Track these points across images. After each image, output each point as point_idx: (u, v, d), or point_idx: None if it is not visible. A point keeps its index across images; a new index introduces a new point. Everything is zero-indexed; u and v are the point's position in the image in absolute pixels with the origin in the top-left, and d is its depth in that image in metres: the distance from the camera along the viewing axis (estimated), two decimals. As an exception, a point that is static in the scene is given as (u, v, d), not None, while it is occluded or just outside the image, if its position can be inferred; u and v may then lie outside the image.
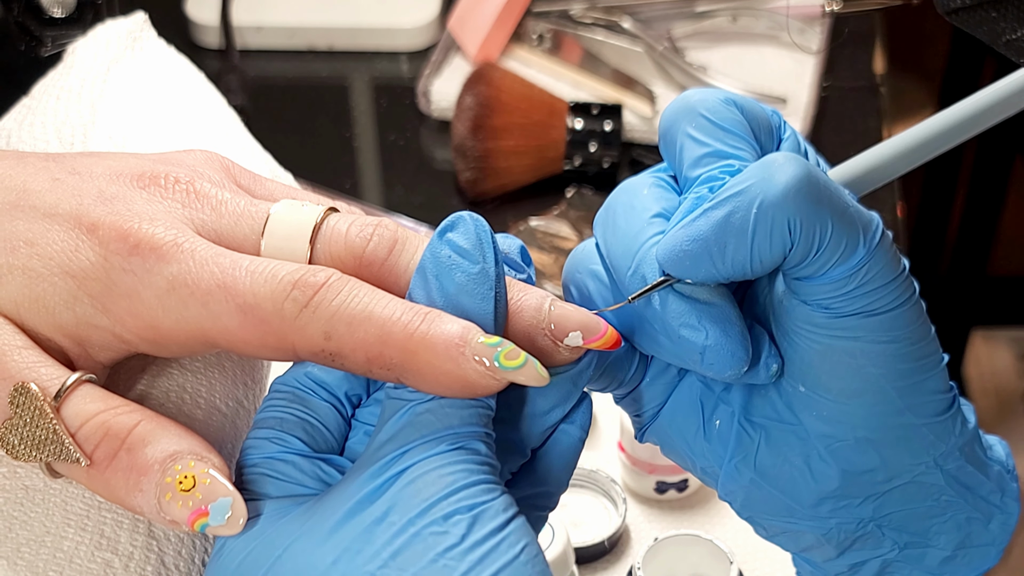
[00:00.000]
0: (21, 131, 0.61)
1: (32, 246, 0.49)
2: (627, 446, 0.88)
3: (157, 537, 0.51)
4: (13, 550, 0.49)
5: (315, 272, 0.48)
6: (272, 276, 0.48)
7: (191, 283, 0.48)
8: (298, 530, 0.47)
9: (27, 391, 0.47)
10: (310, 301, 0.47)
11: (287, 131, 1.20)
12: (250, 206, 0.51)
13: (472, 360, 0.47)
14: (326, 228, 0.50)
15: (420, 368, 0.47)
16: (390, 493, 0.47)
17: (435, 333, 0.47)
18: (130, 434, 0.48)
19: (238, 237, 0.50)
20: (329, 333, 0.47)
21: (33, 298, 0.49)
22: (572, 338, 0.49)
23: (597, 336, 0.50)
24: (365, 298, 0.48)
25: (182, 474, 0.47)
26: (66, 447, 0.47)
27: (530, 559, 0.47)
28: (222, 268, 0.48)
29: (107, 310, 0.49)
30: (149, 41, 0.67)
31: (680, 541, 0.82)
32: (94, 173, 0.51)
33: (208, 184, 0.51)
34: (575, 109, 1.12)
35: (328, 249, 0.50)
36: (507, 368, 0.47)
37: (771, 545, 0.55)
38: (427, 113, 1.20)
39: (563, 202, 1.10)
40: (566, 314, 0.50)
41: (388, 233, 0.50)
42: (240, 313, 0.48)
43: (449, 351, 0.47)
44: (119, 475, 0.47)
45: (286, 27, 1.27)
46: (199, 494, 0.47)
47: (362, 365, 0.48)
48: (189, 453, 0.47)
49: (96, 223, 0.49)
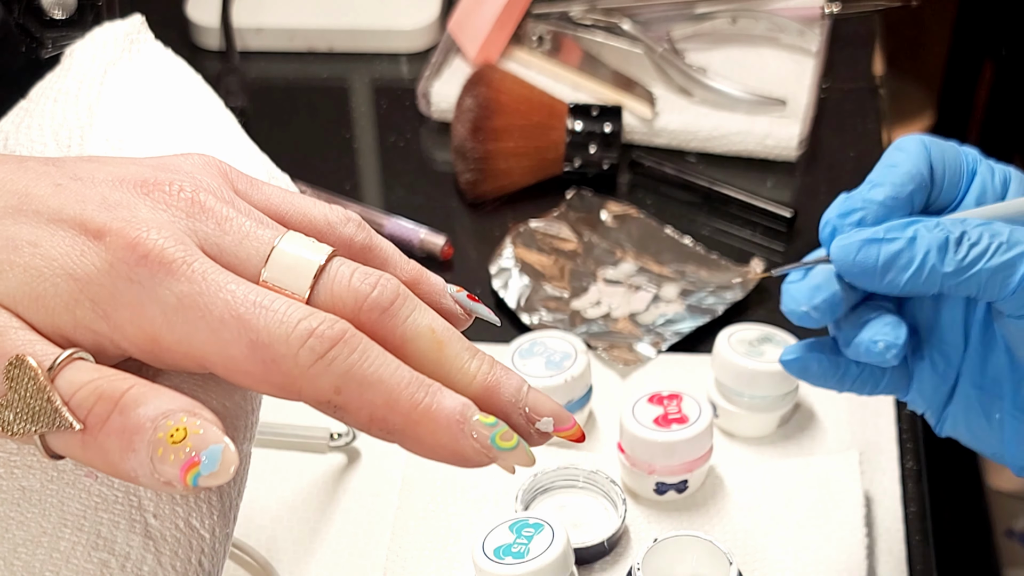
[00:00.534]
0: (19, 133, 0.61)
1: (36, 247, 0.49)
2: (626, 447, 0.88)
3: (154, 537, 0.51)
4: (10, 550, 0.49)
5: (332, 324, 0.49)
6: (288, 319, 0.48)
7: (202, 306, 0.49)
8: None
9: (22, 363, 0.48)
10: (326, 354, 0.48)
11: (287, 133, 1.20)
12: (256, 228, 0.51)
13: (470, 437, 0.49)
14: (331, 269, 0.51)
15: (420, 436, 0.49)
16: None
17: (438, 407, 0.49)
18: (123, 396, 0.48)
19: (240, 257, 0.50)
20: (340, 388, 0.49)
21: (33, 296, 0.49)
22: (544, 423, 0.52)
23: (565, 427, 0.52)
24: (377, 360, 0.49)
25: (174, 427, 0.47)
26: (60, 414, 0.47)
27: None
28: (235, 297, 0.49)
29: (107, 316, 0.49)
30: (146, 43, 0.67)
31: (680, 542, 0.82)
32: (96, 179, 0.51)
33: (212, 197, 0.51)
34: (575, 111, 1.12)
35: (330, 289, 0.50)
36: (501, 448, 0.50)
37: (771, 545, 0.56)
38: (427, 115, 1.20)
39: (563, 204, 1.10)
40: (540, 401, 0.52)
41: (391, 286, 0.51)
42: (250, 348, 0.48)
43: (450, 426, 0.49)
44: (112, 438, 0.47)
45: (286, 29, 1.27)
46: (190, 445, 0.47)
47: (363, 423, 0.49)
48: (181, 410, 0.48)
49: (102, 229, 0.49)
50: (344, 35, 1.28)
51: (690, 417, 0.87)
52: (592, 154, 1.12)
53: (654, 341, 0.99)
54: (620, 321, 1.01)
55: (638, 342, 1.00)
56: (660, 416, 0.87)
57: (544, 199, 1.11)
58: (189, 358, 0.49)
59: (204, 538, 0.52)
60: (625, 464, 0.88)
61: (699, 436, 0.86)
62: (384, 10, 1.29)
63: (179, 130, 0.64)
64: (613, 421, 0.93)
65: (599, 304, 1.02)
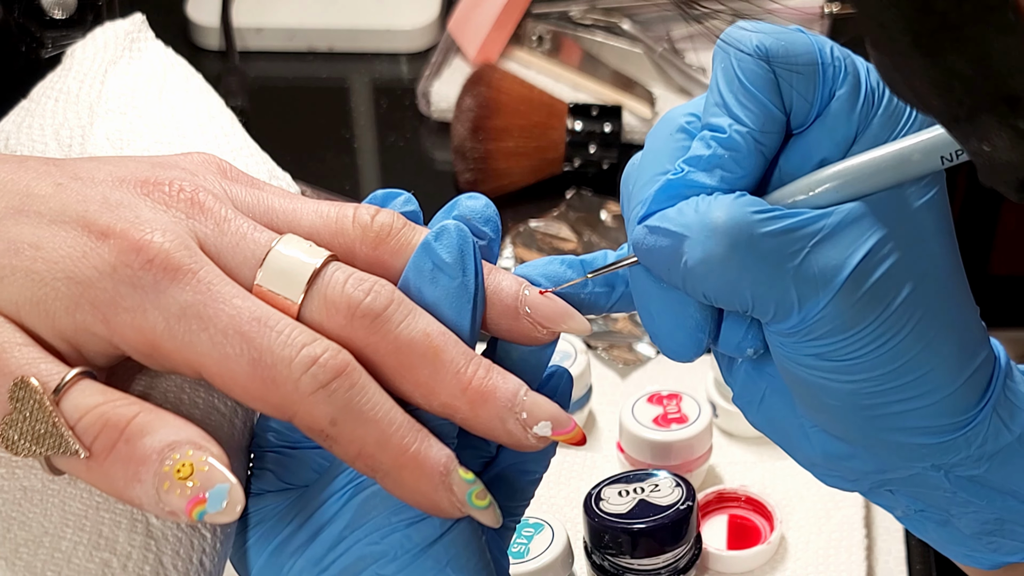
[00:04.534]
0: (20, 133, 0.61)
1: (37, 249, 0.49)
2: (626, 447, 0.88)
3: (155, 537, 0.51)
4: (11, 550, 0.49)
5: (335, 354, 0.49)
6: (292, 341, 0.48)
7: (205, 317, 0.48)
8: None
9: (27, 385, 0.48)
10: (328, 384, 0.48)
11: (287, 132, 1.20)
12: (253, 231, 0.51)
13: (448, 490, 0.50)
14: (325, 274, 0.50)
15: (403, 480, 0.49)
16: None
17: (425, 455, 0.49)
18: (129, 425, 0.48)
19: (236, 259, 0.50)
20: (336, 420, 0.49)
21: (34, 301, 0.49)
22: (541, 427, 0.51)
23: (564, 431, 0.51)
24: (374, 398, 0.49)
25: (180, 462, 0.47)
26: (65, 440, 0.47)
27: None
28: (240, 312, 0.49)
29: (107, 320, 0.49)
30: (147, 42, 0.67)
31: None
32: (96, 179, 0.51)
33: (211, 197, 0.51)
34: (575, 111, 1.12)
35: (323, 294, 0.50)
36: (474, 506, 0.50)
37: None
38: (427, 114, 1.20)
39: (563, 203, 1.10)
40: (538, 405, 0.51)
41: (385, 292, 0.50)
42: (251, 366, 0.48)
43: (433, 476, 0.49)
44: (118, 466, 0.48)
45: (286, 29, 1.27)
46: (197, 481, 0.47)
47: (351, 456, 0.50)
48: (187, 442, 0.48)
49: (106, 230, 0.49)
50: (344, 35, 1.28)
51: (690, 417, 0.87)
52: (592, 154, 1.12)
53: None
54: (620, 321, 1.01)
55: (638, 342, 1.00)
56: (660, 416, 0.87)
57: (544, 199, 1.11)
58: (187, 365, 0.49)
59: (205, 538, 0.52)
60: (625, 464, 0.88)
61: (699, 436, 0.87)
62: (384, 10, 1.29)
63: (180, 129, 0.63)
64: (613, 421, 0.93)
65: (599, 304, 1.02)
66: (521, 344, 0.54)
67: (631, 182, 0.53)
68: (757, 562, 0.84)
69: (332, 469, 0.52)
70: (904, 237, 0.50)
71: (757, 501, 0.85)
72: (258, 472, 0.53)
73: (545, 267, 0.54)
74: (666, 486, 0.77)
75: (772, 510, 0.85)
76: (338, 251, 0.52)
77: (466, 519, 0.51)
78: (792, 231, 0.49)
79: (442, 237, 0.52)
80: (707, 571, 0.84)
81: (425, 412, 0.51)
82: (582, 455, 0.91)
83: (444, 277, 0.51)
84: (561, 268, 0.54)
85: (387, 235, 0.53)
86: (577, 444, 0.52)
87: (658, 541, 0.77)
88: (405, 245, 0.53)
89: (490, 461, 0.56)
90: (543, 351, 0.55)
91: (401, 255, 0.52)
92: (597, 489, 0.78)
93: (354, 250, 0.52)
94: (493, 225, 0.54)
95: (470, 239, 0.52)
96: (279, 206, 0.53)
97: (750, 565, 0.84)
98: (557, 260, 0.55)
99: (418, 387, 0.50)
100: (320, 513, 0.51)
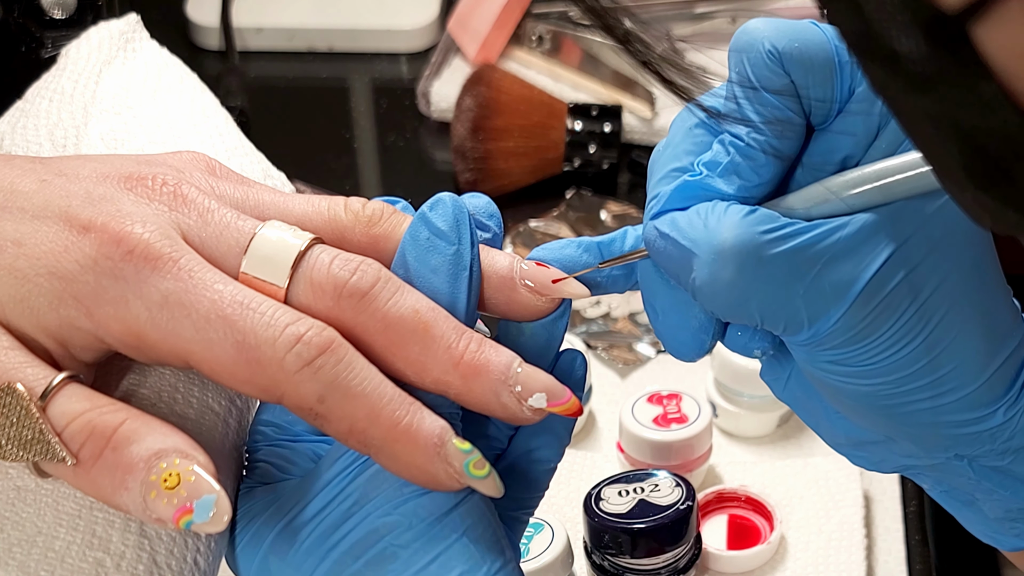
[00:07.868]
0: (14, 134, 0.61)
1: (20, 246, 0.49)
2: (626, 446, 0.88)
3: (149, 536, 0.51)
4: (4, 550, 0.49)
5: (320, 331, 0.48)
6: (275, 322, 0.48)
7: (187, 304, 0.48)
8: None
9: (13, 391, 0.48)
10: (313, 361, 0.48)
11: (287, 132, 1.20)
12: (237, 220, 0.51)
13: (444, 461, 0.49)
14: (310, 256, 0.50)
15: (397, 454, 0.49)
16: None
17: (418, 427, 0.49)
18: (115, 432, 0.48)
19: (221, 248, 0.50)
20: (324, 397, 0.48)
21: (18, 299, 0.49)
22: (536, 399, 0.50)
23: (560, 402, 0.51)
24: (362, 373, 0.49)
25: (167, 472, 0.47)
26: (52, 446, 0.47)
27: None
28: (221, 297, 0.48)
29: (90, 314, 0.49)
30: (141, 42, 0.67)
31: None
32: (80, 175, 0.51)
33: (195, 190, 0.51)
34: (574, 111, 1.12)
35: (309, 276, 0.50)
36: (473, 476, 0.49)
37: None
38: (427, 114, 1.20)
39: (562, 203, 1.10)
40: (532, 377, 0.50)
41: (371, 270, 0.50)
42: (235, 349, 0.48)
43: (427, 448, 0.49)
44: (105, 474, 0.47)
45: (286, 28, 1.27)
46: (184, 491, 0.47)
47: (342, 434, 0.49)
48: (174, 451, 0.47)
49: (88, 224, 0.49)
50: (344, 35, 1.27)
51: (689, 417, 0.87)
52: (592, 154, 1.12)
53: (654, 341, 0.99)
54: (620, 321, 1.01)
55: (638, 342, 1.00)
56: (659, 416, 0.87)
57: (544, 199, 1.11)
58: (174, 355, 0.49)
59: (200, 537, 0.52)
60: (625, 464, 0.88)
61: (699, 436, 0.86)
62: (384, 10, 1.29)
63: (174, 129, 0.63)
64: (613, 421, 0.93)
65: (599, 304, 1.02)
66: (523, 319, 0.53)
67: (652, 171, 0.53)
68: (757, 562, 0.84)
69: (332, 453, 0.52)
70: (921, 244, 0.49)
71: (757, 501, 0.85)
72: (259, 467, 0.53)
73: (561, 250, 0.54)
74: (666, 486, 0.77)
75: (772, 510, 0.85)
76: (330, 237, 0.52)
77: (479, 493, 0.51)
78: (803, 249, 0.49)
79: (437, 207, 0.52)
80: (707, 571, 0.84)
81: (420, 391, 0.50)
82: (582, 455, 0.91)
83: (441, 244, 0.51)
84: (578, 251, 0.54)
85: (379, 218, 0.53)
86: (574, 415, 0.51)
87: (658, 541, 0.77)
88: (397, 225, 0.53)
89: (502, 452, 0.55)
90: (552, 327, 0.54)
91: (394, 235, 0.52)
92: (597, 489, 0.78)
93: (346, 235, 0.52)
94: (496, 220, 0.54)
95: (465, 210, 0.52)
96: (269, 200, 0.53)
97: (750, 565, 0.84)
98: (574, 243, 0.54)
99: (410, 364, 0.50)
100: (323, 495, 0.51)
